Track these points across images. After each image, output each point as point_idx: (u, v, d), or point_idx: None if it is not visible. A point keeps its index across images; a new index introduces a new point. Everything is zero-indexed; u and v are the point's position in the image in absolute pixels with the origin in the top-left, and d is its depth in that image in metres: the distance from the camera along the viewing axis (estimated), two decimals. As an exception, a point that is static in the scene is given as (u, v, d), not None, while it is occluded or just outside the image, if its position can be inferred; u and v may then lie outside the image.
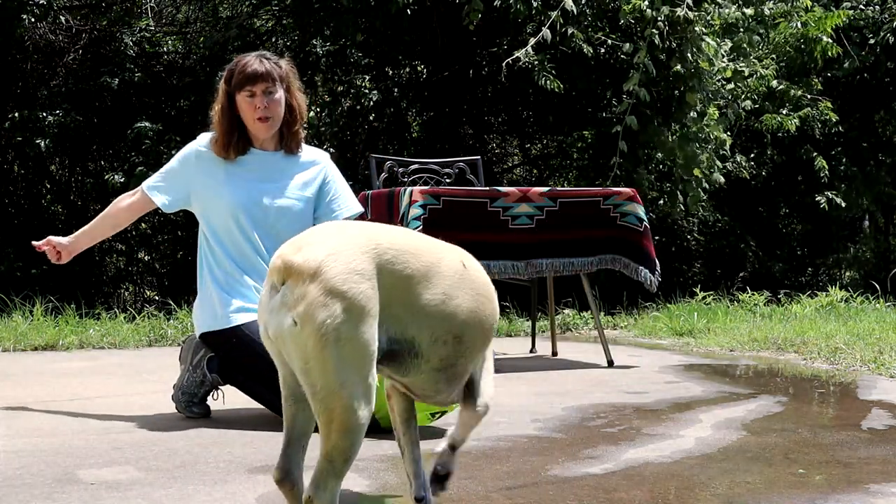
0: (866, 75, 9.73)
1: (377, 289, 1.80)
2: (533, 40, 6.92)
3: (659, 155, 7.71)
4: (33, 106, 7.27)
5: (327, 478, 1.74)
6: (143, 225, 7.88)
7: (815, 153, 9.22)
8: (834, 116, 8.92)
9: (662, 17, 6.97)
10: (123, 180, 7.04)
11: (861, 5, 9.57)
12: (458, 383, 2.05)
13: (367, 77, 8.00)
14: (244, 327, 3.15)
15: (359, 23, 7.61)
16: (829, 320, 6.08)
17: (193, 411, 3.24)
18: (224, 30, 7.94)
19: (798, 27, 8.41)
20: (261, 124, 3.25)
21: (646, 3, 6.95)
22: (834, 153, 9.59)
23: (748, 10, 7.86)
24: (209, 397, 3.27)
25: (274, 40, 8.56)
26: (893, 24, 9.33)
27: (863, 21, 9.52)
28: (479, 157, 5.36)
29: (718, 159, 8.07)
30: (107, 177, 7.25)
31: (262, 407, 3.23)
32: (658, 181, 7.91)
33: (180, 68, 8.19)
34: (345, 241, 1.81)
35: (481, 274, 2.08)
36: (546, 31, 6.88)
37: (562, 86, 7.09)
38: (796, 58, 9.13)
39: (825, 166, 9.03)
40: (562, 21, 7.11)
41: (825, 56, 8.44)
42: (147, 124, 7.21)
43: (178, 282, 7.55)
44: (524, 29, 7.69)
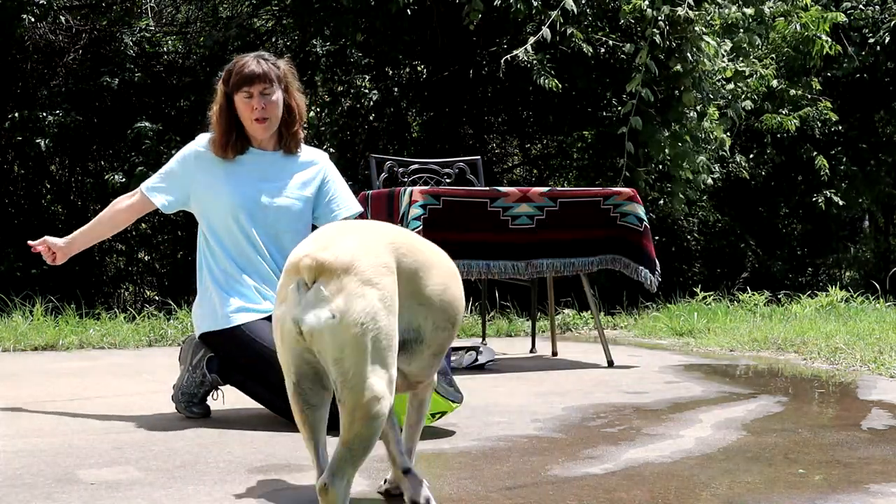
0: (866, 75, 9.73)
1: (397, 282, 1.91)
2: (533, 39, 6.92)
3: (660, 156, 7.71)
4: (33, 106, 7.27)
5: (345, 466, 1.81)
6: (143, 225, 7.88)
7: (815, 153, 9.23)
8: (834, 116, 8.92)
9: (663, 16, 6.97)
10: (123, 180, 7.04)
11: (861, 5, 9.57)
12: (439, 364, 2.19)
13: (367, 77, 8.00)
14: (244, 327, 3.14)
15: (359, 23, 7.61)
16: (829, 320, 6.07)
17: (193, 411, 3.24)
18: (224, 30, 7.95)
19: (797, 28, 8.40)
20: (258, 125, 3.26)
21: (646, 2, 6.95)
22: (834, 153, 9.60)
23: (748, 10, 7.85)
24: (209, 397, 3.27)
25: (274, 40, 8.56)
26: (893, 23, 9.33)
27: (862, 21, 9.52)
28: (479, 157, 5.36)
29: (717, 160, 8.06)
30: (107, 177, 7.25)
31: (261, 407, 3.23)
32: (658, 181, 7.91)
33: (180, 68, 8.19)
34: (368, 237, 1.92)
35: (450, 259, 2.21)
36: (546, 31, 6.88)
37: (560, 85, 7.08)
38: (796, 58, 9.13)
39: (825, 165, 9.03)
40: (562, 21, 7.11)
41: (822, 55, 8.43)
42: (147, 124, 7.21)
43: (178, 282, 7.55)
44: (524, 29, 7.69)
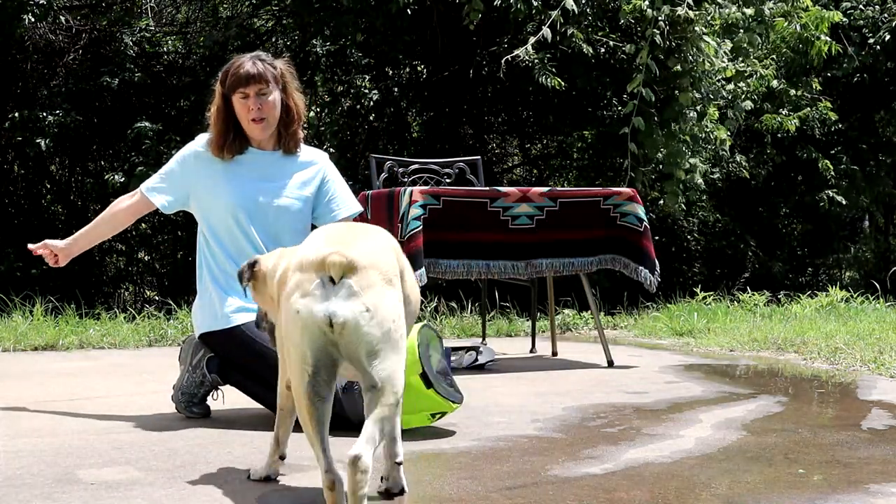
0: (866, 75, 9.73)
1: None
2: (533, 39, 6.92)
3: (658, 154, 7.71)
4: (33, 106, 7.27)
5: (375, 438, 1.93)
6: (143, 225, 7.88)
7: (815, 153, 9.22)
8: (834, 116, 8.92)
9: (663, 16, 6.96)
10: (123, 180, 7.04)
11: (861, 5, 9.57)
12: None
13: (367, 77, 8.00)
14: (244, 327, 3.14)
15: (359, 23, 7.61)
16: (829, 320, 6.07)
17: (193, 411, 3.24)
18: (224, 30, 7.95)
19: (797, 28, 8.40)
20: (255, 125, 3.25)
21: (646, 2, 6.95)
22: (834, 153, 9.59)
23: (748, 10, 7.85)
24: (209, 397, 3.27)
25: (274, 40, 8.56)
26: (893, 23, 9.33)
27: (862, 21, 9.51)
28: (479, 157, 5.36)
29: (717, 160, 8.06)
30: (107, 177, 7.25)
31: (261, 407, 3.23)
32: (658, 181, 7.91)
33: (180, 68, 8.19)
34: (378, 239, 2.12)
35: None
36: (546, 31, 6.88)
37: (562, 83, 7.08)
38: (796, 58, 9.13)
39: (829, 167, 9.04)
40: (562, 20, 7.11)
41: (821, 55, 8.43)
42: (147, 124, 7.20)
43: (178, 282, 7.55)
44: (524, 28, 7.69)
